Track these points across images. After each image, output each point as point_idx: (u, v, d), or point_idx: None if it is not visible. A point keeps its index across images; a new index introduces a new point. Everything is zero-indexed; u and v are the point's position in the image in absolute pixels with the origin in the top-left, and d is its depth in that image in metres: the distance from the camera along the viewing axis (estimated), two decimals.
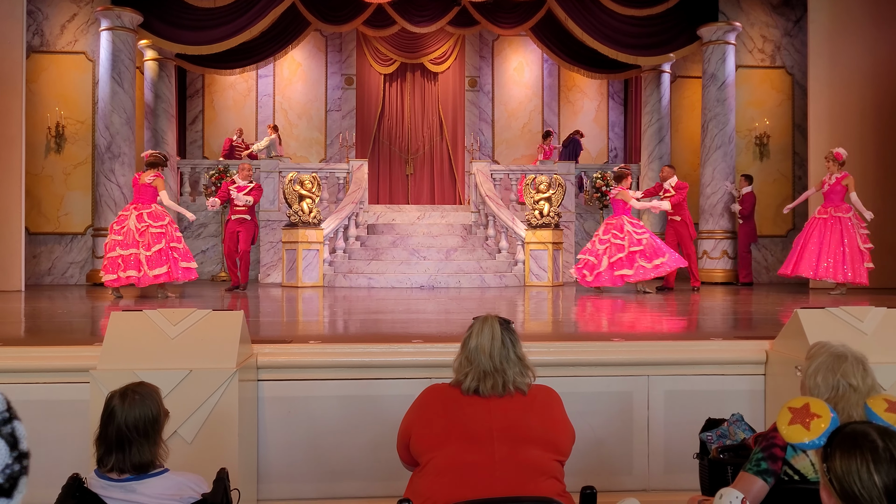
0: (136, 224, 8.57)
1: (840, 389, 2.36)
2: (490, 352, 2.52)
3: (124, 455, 2.34)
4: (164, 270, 8.50)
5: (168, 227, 8.73)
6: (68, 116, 11.66)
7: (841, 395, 2.35)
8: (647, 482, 4.16)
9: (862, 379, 2.36)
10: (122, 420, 2.36)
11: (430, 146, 15.26)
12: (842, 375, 2.37)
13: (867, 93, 10.83)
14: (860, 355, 2.42)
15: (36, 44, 11.57)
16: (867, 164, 10.80)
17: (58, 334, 5.56)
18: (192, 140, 14.75)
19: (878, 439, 1.52)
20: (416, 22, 13.02)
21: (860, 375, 2.37)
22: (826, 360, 2.42)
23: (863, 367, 2.39)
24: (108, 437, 2.36)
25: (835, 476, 1.52)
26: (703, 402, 4.14)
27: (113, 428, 2.36)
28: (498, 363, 2.52)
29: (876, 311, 3.92)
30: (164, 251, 8.56)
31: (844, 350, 2.43)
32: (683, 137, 13.78)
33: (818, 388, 2.40)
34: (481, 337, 2.56)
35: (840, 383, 2.36)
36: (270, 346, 4.24)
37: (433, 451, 2.46)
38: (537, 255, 11.02)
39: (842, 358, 2.40)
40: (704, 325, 6.28)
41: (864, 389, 2.34)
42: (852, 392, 2.34)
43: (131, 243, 8.49)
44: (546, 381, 2.79)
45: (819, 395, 2.38)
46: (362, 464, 4.04)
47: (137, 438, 2.35)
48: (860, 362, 2.40)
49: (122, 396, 2.41)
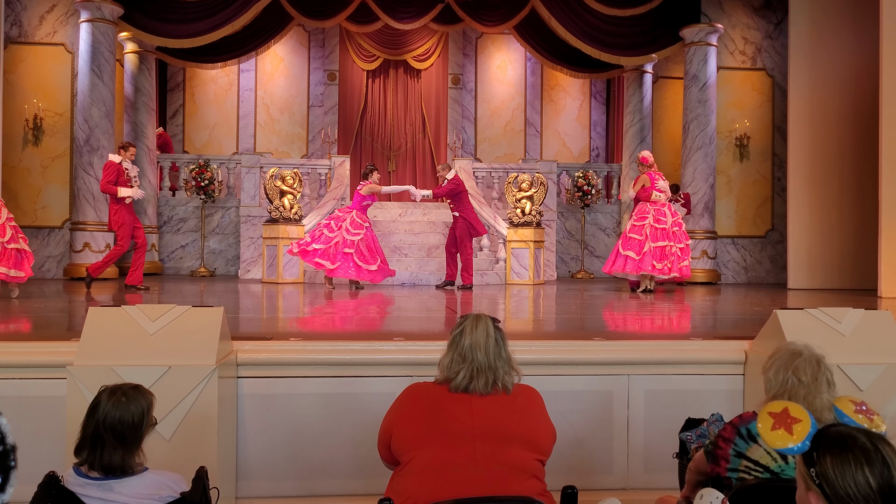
0: None
1: (789, 384, 2.42)
2: (486, 349, 2.54)
3: (95, 454, 2.31)
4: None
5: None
6: (46, 108, 11.52)
7: (789, 388, 2.41)
8: (626, 481, 4.18)
9: (812, 375, 2.41)
10: (101, 417, 2.32)
11: (412, 143, 15.23)
12: (793, 371, 2.43)
13: (846, 95, 10.95)
14: (818, 354, 2.48)
15: (14, 34, 11.42)
16: (845, 165, 10.93)
17: (34, 329, 5.49)
18: (173, 134, 14.62)
19: (867, 441, 1.54)
20: (399, 18, 12.99)
21: (809, 372, 2.42)
22: (783, 355, 2.49)
23: (816, 364, 2.44)
24: (86, 431, 2.34)
25: (826, 480, 1.53)
26: (682, 401, 4.16)
27: (91, 423, 2.33)
28: (492, 360, 2.54)
29: (854, 312, 3.96)
30: None
31: (802, 348, 2.49)
32: (665, 138, 13.87)
33: (770, 382, 2.48)
34: (476, 334, 2.57)
35: (790, 379, 2.42)
36: (251, 342, 4.20)
37: (414, 450, 2.45)
38: (519, 254, 11.05)
39: (796, 355, 2.46)
40: (684, 325, 6.31)
41: (811, 385, 2.40)
42: (799, 386, 2.40)
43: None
44: (527, 379, 2.79)
45: (770, 389, 2.47)
46: (343, 462, 4.02)
47: (111, 441, 2.31)
48: (815, 359, 2.45)
49: (111, 394, 2.38)
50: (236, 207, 12.97)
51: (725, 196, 12.65)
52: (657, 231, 9.29)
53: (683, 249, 9.40)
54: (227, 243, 13.06)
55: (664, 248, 9.24)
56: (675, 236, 9.35)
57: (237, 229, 12.92)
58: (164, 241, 13.01)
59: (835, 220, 10.97)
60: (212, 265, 12.92)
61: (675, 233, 9.37)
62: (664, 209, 9.45)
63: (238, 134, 14.74)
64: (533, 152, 15.38)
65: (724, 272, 12.56)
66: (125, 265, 11.22)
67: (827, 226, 10.95)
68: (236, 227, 12.97)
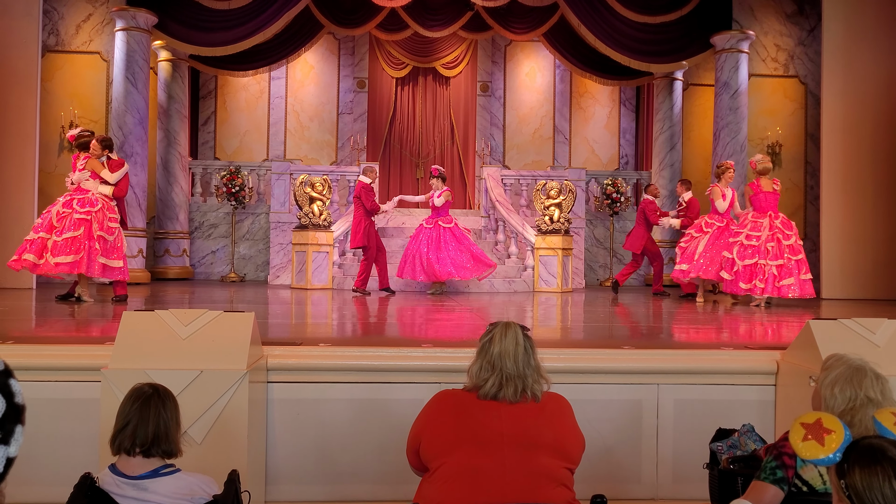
0: (60, 209, 7.65)
1: (858, 402, 2.34)
2: (515, 357, 2.53)
3: (139, 429, 2.37)
4: (68, 260, 7.41)
5: (98, 214, 7.62)
6: (82, 115, 11.72)
7: (859, 407, 2.33)
8: (655, 491, 4.15)
9: (881, 393, 2.35)
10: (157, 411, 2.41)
11: (440, 150, 15.26)
12: (862, 388, 2.35)
13: (881, 103, 10.79)
14: (878, 370, 2.41)
15: (51, 43, 11.64)
16: (879, 173, 10.76)
17: (69, 333, 5.59)
18: (204, 141, 14.80)
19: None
20: (428, 26, 13.05)
21: (878, 389, 2.35)
22: (845, 371, 2.40)
23: (881, 382, 2.37)
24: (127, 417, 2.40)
25: (854, 492, 1.51)
26: (712, 411, 4.12)
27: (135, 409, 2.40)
28: (521, 369, 2.53)
29: (889, 323, 3.90)
30: (78, 240, 7.47)
31: (863, 363, 2.41)
32: (695, 145, 13.75)
33: (835, 398, 2.38)
34: (505, 342, 2.56)
35: (858, 396, 2.35)
36: (281, 347, 4.24)
37: (443, 456, 2.45)
38: (547, 261, 11.01)
39: (861, 371, 2.38)
40: (714, 334, 6.25)
41: (884, 403, 2.32)
42: (871, 405, 2.32)
43: (46, 227, 7.59)
44: (556, 387, 2.78)
45: (835, 407, 2.37)
46: (371, 467, 4.04)
47: (156, 410, 2.41)
48: (879, 377, 2.38)
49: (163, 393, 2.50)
50: (266, 213, 13.09)
51: None
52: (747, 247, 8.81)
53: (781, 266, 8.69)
54: (256, 249, 13.19)
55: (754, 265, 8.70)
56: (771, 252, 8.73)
57: (267, 235, 13.03)
58: (194, 247, 13.16)
59: (869, 229, 10.80)
60: (242, 271, 13.04)
61: (770, 248, 8.73)
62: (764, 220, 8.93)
63: (268, 141, 14.87)
64: (561, 160, 15.34)
65: None
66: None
67: (861, 235, 10.77)
68: (266, 233, 13.09)
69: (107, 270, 7.65)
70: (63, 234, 7.46)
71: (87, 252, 7.48)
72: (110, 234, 7.68)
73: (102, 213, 7.67)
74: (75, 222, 7.51)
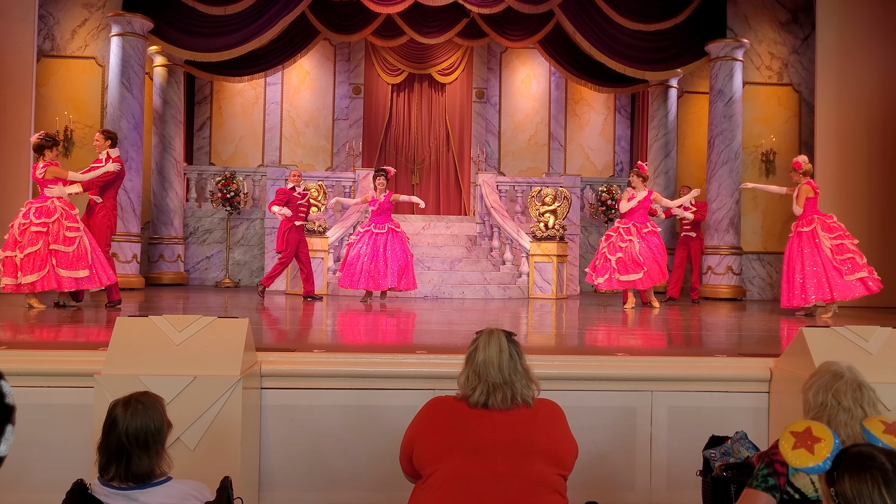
0: (21, 220, 7.37)
1: (828, 407, 2.35)
2: (499, 365, 2.52)
3: (124, 466, 2.33)
4: (34, 279, 7.20)
5: (54, 225, 7.32)
6: (77, 121, 11.71)
7: (828, 412, 2.34)
8: (649, 498, 4.15)
9: (853, 400, 2.34)
10: (122, 430, 2.34)
11: (436, 156, 15.29)
12: (833, 394, 2.36)
13: (875, 111, 10.84)
14: (860, 378, 2.40)
15: (46, 48, 11.63)
16: (873, 181, 10.81)
17: (63, 338, 5.57)
18: (200, 146, 14.80)
19: (886, 461, 1.53)
20: (424, 33, 13.08)
21: (852, 397, 2.34)
22: (822, 377, 2.42)
23: (857, 388, 2.36)
24: (109, 447, 2.35)
25: (844, 500, 1.52)
26: (706, 418, 4.13)
27: (114, 437, 2.35)
28: (507, 376, 2.52)
29: (882, 330, 3.91)
30: (39, 254, 7.23)
31: (844, 370, 2.41)
32: (690, 153, 13.79)
33: (808, 403, 2.42)
34: (489, 350, 2.56)
35: (829, 401, 2.35)
36: (275, 353, 4.24)
37: (436, 463, 2.45)
38: (541, 268, 11.02)
39: (838, 377, 2.39)
40: (708, 342, 6.26)
41: (854, 409, 2.33)
42: (841, 411, 2.33)
43: (11, 244, 7.31)
44: (549, 394, 2.79)
45: (808, 411, 2.40)
46: (364, 473, 4.03)
47: (137, 450, 2.33)
48: (856, 383, 2.37)
49: (125, 405, 2.39)
50: (261, 219, 13.09)
51: (751, 211, 12.54)
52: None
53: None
54: (251, 255, 13.18)
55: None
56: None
57: (262, 241, 13.02)
58: (189, 252, 13.14)
59: (863, 236, 10.78)
60: (236, 276, 13.03)
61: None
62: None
63: (264, 146, 14.88)
64: (557, 166, 15.37)
65: (750, 288, 12.44)
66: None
67: None
68: (261, 238, 13.08)
69: (78, 282, 7.38)
70: (25, 249, 7.24)
71: (52, 267, 7.24)
72: (68, 244, 7.31)
73: (59, 223, 7.35)
74: (33, 236, 7.27)
